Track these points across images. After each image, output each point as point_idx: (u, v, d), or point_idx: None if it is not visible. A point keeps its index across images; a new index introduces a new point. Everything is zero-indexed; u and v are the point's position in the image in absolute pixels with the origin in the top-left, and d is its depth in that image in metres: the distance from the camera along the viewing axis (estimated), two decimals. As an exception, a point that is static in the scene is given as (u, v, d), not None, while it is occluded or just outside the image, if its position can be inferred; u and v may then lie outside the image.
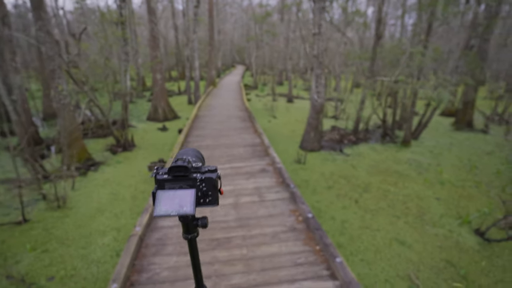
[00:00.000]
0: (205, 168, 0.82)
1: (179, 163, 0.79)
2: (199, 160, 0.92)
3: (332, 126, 12.14)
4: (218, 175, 0.82)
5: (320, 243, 3.24)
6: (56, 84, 7.26)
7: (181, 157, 0.86)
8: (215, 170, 0.82)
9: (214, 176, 0.81)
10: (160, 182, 0.79)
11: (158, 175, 0.80)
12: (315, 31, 8.29)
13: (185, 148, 0.97)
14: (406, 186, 6.46)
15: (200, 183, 0.80)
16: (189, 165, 0.80)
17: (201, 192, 0.80)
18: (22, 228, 4.97)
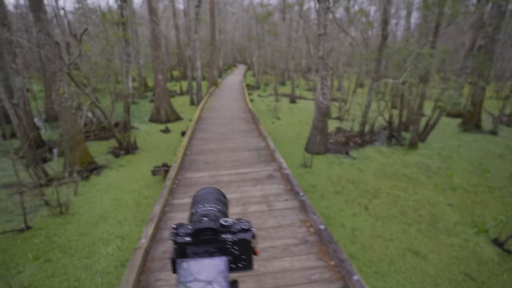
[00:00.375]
0: (237, 226, 0.66)
1: (206, 224, 0.63)
2: (224, 207, 0.76)
3: (336, 127, 11.97)
4: (253, 234, 0.67)
5: (334, 258, 3.09)
6: (57, 86, 7.12)
7: (205, 209, 0.70)
8: (249, 229, 0.66)
9: (248, 236, 0.65)
10: (181, 247, 0.63)
11: (178, 236, 0.64)
12: (321, 32, 8.12)
13: (202, 188, 0.78)
14: (416, 191, 6.30)
15: (232, 246, 0.64)
16: (217, 224, 0.64)
17: (233, 256, 0.65)
18: (24, 236, 4.85)
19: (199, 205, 0.73)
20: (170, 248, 3.35)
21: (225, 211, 0.75)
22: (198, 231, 0.62)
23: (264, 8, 30.49)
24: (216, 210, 0.71)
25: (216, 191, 0.80)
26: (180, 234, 0.64)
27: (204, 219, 0.65)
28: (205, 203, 0.73)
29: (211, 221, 0.64)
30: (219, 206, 0.73)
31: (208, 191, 0.79)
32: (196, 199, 0.76)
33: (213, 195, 0.77)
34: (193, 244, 0.63)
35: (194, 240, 0.63)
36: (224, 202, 0.79)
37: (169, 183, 4.74)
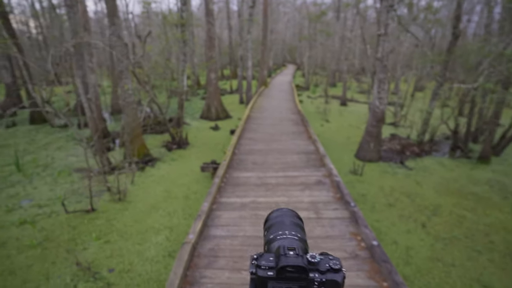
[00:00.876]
0: (325, 264, 0.57)
1: (294, 261, 0.55)
2: (302, 233, 0.68)
3: (391, 134, 11.13)
4: (344, 276, 0.57)
5: (388, 279, 2.82)
6: (123, 83, 7.81)
7: (288, 241, 0.62)
8: (340, 269, 0.57)
9: (339, 278, 0.56)
10: (262, 281, 0.56)
11: (259, 269, 0.57)
12: (381, 32, 7.58)
13: (276, 210, 0.68)
14: (487, 213, 5.50)
15: (319, 286, 0.56)
16: (304, 261, 0.56)
17: None
18: (90, 217, 5.40)
19: (278, 232, 0.66)
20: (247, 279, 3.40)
21: (304, 238, 0.67)
22: (284, 269, 0.55)
23: (318, 7, 29.76)
24: (297, 239, 0.63)
25: (292, 213, 0.72)
26: (262, 267, 0.58)
27: (290, 253, 0.57)
28: (285, 229, 0.66)
29: (299, 257, 0.56)
30: (299, 233, 0.65)
31: (283, 213, 0.72)
32: (270, 223, 0.69)
33: (289, 219, 0.70)
34: (276, 279, 0.56)
35: (278, 276, 0.56)
36: (302, 227, 0.71)
37: (217, 181, 4.85)
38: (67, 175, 7.22)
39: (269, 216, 0.73)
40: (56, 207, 5.62)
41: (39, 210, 5.55)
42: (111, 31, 7.61)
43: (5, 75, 14.15)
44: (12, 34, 11.81)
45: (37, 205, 5.75)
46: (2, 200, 6.01)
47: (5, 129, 11.61)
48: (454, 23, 8.53)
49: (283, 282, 0.56)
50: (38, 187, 6.57)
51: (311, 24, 27.79)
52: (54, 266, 4.11)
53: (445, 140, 10.73)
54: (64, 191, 6.32)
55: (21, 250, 4.46)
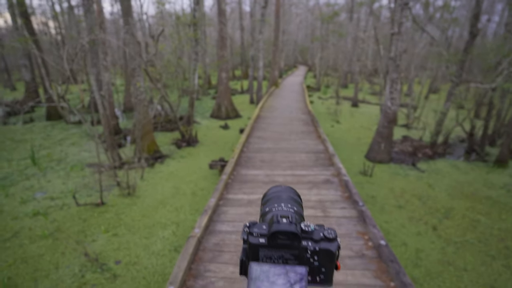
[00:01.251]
0: (319, 233, 0.55)
1: (286, 227, 0.53)
2: (300, 208, 0.66)
3: (403, 136, 10.89)
4: (338, 245, 0.55)
5: (396, 279, 2.75)
6: (135, 81, 7.96)
7: (281, 209, 0.61)
8: (335, 238, 0.55)
9: (333, 248, 0.54)
10: (254, 249, 0.55)
11: (251, 236, 0.56)
12: (395, 31, 7.44)
13: (274, 186, 0.66)
14: (503, 218, 5.30)
15: (312, 256, 0.54)
16: (298, 228, 0.54)
17: (311, 267, 0.54)
18: (99, 210, 5.50)
19: (274, 204, 0.64)
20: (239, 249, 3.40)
21: (301, 213, 0.65)
22: (276, 233, 0.53)
23: (330, 8, 29.51)
24: (293, 211, 0.62)
25: (290, 190, 0.70)
26: (254, 234, 0.56)
27: (283, 220, 0.55)
28: (281, 202, 0.64)
29: (292, 224, 0.54)
30: (295, 207, 0.63)
31: (281, 189, 0.70)
32: (268, 197, 0.68)
33: (287, 194, 0.68)
34: (267, 247, 0.54)
35: (270, 243, 0.54)
36: (299, 203, 0.69)
37: (225, 178, 4.86)
38: (80, 170, 7.40)
39: (267, 192, 0.71)
40: (68, 200, 5.76)
41: (51, 202, 5.70)
42: (125, 29, 7.77)
43: (25, 73, 14.68)
44: (32, 34, 12.23)
45: (50, 197, 5.91)
46: (18, 192, 6.21)
47: (22, 125, 12.01)
48: (472, 21, 8.27)
49: (275, 250, 0.54)
50: (52, 180, 6.76)
51: (323, 25, 27.60)
52: (64, 256, 4.20)
53: (460, 143, 10.41)
54: (75, 185, 6.48)
55: (33, 240, 4.59)
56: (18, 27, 12.38)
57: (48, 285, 3.70)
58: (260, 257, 0.54)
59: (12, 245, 4.49)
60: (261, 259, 0.54)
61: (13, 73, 26.72)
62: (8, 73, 22.94)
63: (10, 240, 4.60)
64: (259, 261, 0.54)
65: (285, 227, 0.53)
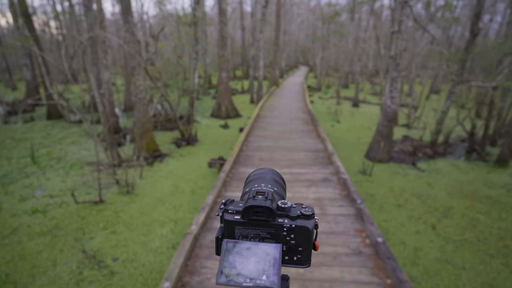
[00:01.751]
0: (296, 211, 0.54)
1: (261, 202, 0.52)
2: (282, 190, 0.65)
3: (403, 135, 10.86)
4: (315, 223, 0.54)
5: (392, 276, 2.73)
6: (135, 79, 7.96)
7: (260, 188, 0.60)
8: (312, 215, 0.54)
9: (310, 225, 0.53)
10: (229, 226, 0.54)
11: (226, 213, 0.55)
12: (395, 29, 7.42)
13: (259, 169, 0.64)
14: (503, 217, 5.27)
15: (288, 234, 0.53)
16: (273, 205, 0.53)
17: (287, 246, 0.53)
18: (98, 208, 5.50)
19: (254, 184, 0.64)
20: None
21: (282, 194, 0.64)
22: (250, 209, 0.52)
23: (332, 8, 29.47)
24: (273, 191, 0.61)
25: (273, 172, 0.69)
26: (230, 211, 0.55)
27: (259, 197, 0.54)
28: (261, 183, 0.64)
29: (268, 200, 0.53)
30: (277, 188, 0.63)
31: (265, 171, 0.69)
32: (250, 178, 0.67)
33: (270, 176, 0.67)
34: (243, 224, 0.53)
35: (245, 219, 0.53)
36: (282, 185, 0.68)
37: (223, 176, 4.86)
38: (79, 168, 7.41)
39: (250, 174, 0.70)
40: (67, 198, 5.76)
41: (50, 200, 5.71)
42: (125, 28, 7.78)
43: (26, 72, 14.73)
44: (33, 33, 12.27)
45: (49, 195, 5.92)
46: (17, 189, 6.23)
47: (23, 124, 12.05)
48: (473, 20, 8.24)
49: (251, 228, 0.53)
50: (51, 178, 6.77)
51: (324, 25, 27.56)
52: (62, 253, 4.21)
53: (461, 143, 10.37)
54: (74, 183, 6.49)
55: (31, 237, 4.59)
56: (19, 27, 12.43)
57: (46, 282, 3.70)
58: (236, 235, 0.54)
59: (10, 242, 4.49)
60: (237, 237, 0.54)
61: (15, 72, 26.83)
62: (10, 72, 23.03)
63: (8, 237, 4.61)
64: (234, 239, 0.54)
65: (260, 202, 0.52)
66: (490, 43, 10.95)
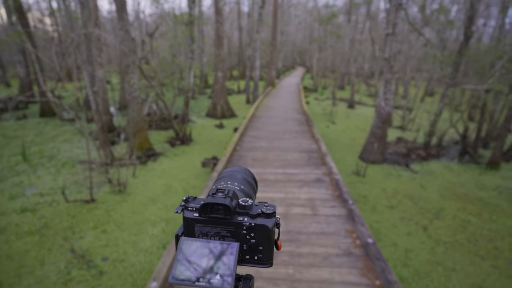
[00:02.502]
0: (257, 209, 0.53)
1: (218, 199, 0.51)
2: (250, 189, 0.64)
3: (397, 137, 10.92)
4: (276, 221, 0.53)
5: (381, 277, 2.73)
6: (129, 78, 7.90)
7: (222, 185, 0.59)
8: (273, 214, 0.52)
9: (270, 224, 0.51)
10: (189, 224, 0.52)
11: (186, 210, 0.53)
12: (389, 31, 7.45)
13: (231, 166, 0.63)
14: (493, 219, 5.31)
15: (248, 232, 0.51)
16: (232, 202, 0.52)
17: (248, 245, 0.52)
18: (89, 207, 5.44)
19: (221, 182, 0.62)
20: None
21: (250, 194, 0.63)
22: (207, 206, 0.51)
23: (329, 10, 29.60)
24: (239, 189, 0.59)
25: (245, 171, 0.68)
26: (189, 208, 0.53)
27: (219, 194, 0.53)
28: (229, 181, 0.62)
29: (227, 197, 0.52)
30: (244, 186, 0.61)
31: (236, 170, 0.68)
32: (221, 176, 0.66)
33: (241, 174, 0.66)
34: (202, 222, 0.52)
35: (203, 217, 0.52)
36: (252, 184, 0.67)
37: (215, 175, 4.83)
38: (71, 167, 7.32)
39: (222, 172, 0.69)
40: (57, 197, 5.69)
41: (40, 199, 5.63)
42: (120, 26, 7.71)
43: (20, 69, 14.53)
44: (27, 30, 12.11)
45: (39, 194, 5.84)
46: (7, 188, 6.13)
47: (15, 121, 11.89)
48: (467, 24, 8.32)
49: (211, 226, 0.52)
50: (42, 176, 6.68)
51: (321, 27, 27.68)
52: (50, 252, 4.14)
53: (454, 145, 10.46)
54: (66, 182, 6.41)
55: (19, 236, 4.52)
56: (13, 23, 12.26)
57: (33, 282, 3.64)
58: (196, 233, 0.52)
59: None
60: (197, 235, 0.52)
61: (8, 69, 26.49)
62: (3, 69, 22.74)
63: (-4, 236, 4.53)
64: (194, 237, 0.52)
65: (218, 200, 0.50)
66: (482, 46, 11.08)
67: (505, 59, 6.89)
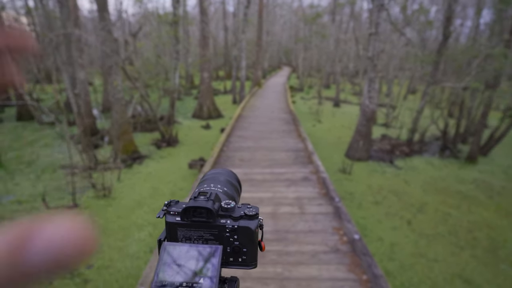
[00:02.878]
0: (240, 211, 0.52)
1: (200, 203, 0.50)
2: (234, 191, 0.63)
3: (382, 134, 11.18)
4: (259, 223, 0.52)
5: (368, 272, 2.79)
6: (112, 80, 7.72)
7: (204, 189, 0.58)
8: (256, 215, 0.52)
9: (252, 225, 0.51)
10: (171, 228, 0.52)
11: (168, 214, 0.52)
12: (372, 31, 7.61)
13: (216, 168, 0.62)
14: (472, 211, 5.53)
15: (231, 235, 0.51)
16: (214, 205, 0.51)
17: (231, 247, 0.51)
18: (71, 213, 5.27)
19: (204, 185, 0.62)
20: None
21: (234, 196, 0.62)
22: (188, 210, 0.50)
23: (314, 10, 29.94)
24: (222, 191, 0.59)
25: (228, 173, 0.67)
26: (171, 212, 0.52)
27: (201, 197, 0.52)
28: (211, 183, 0.61)
29: (209, 200, 0.51)
30: (227, 189, 0.61)
31: (219, 172, 0.67)
32: (204, 178, 0.65)
33: (224, 177, 0.65)
34: (184, 226, 0.51)
35: (186, 221, 0.51)
36: (235, 186, 0.66)
37: (202, 177, 4.79)
38: (52, 172, 7.08)
39: (205, 174, 0.68)
40: (37, 204, 5.49)
41: (18, 207, 5.42)
42: (101, 26, 7.52)
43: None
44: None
45: (17, 201, 5.61)
46: (-17, 195, 5.86)
47: (-9, 126, 11.39)
48: (445, 24, 8.62)
49: (194, 230, 0.51)
50: (20, 183, 6.42)
51: (306, 27, 27.97)
52: (31, 261, 3.99)
53: (435, 141, 10.81)
54: (46, 188, 6.19)
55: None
56: (-14, 23, 11.72)
57: (12, 293, 3.50)
58: (179, 237, 0.51)
59: (-26, 251, 4.21)
60: (180, 239, 0.52)
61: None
62: (-23, 71, 21.68)
63: (-28, 246, 4.32)
64: (177, 241, 0.52)
65: (200, 203, 0.50)
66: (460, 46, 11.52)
67: (481, 58, 7.18)
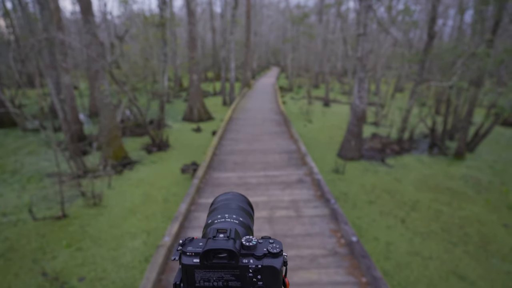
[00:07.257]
0: (262, 248, 0.48)
1: (222, 244, 0.46)
2: (248, 218, 0.59)
3: (372, 133, 11.32)
4: (284, 261, 0.49)
5: (367, 274, 2.79)
6: (99, 84, 7.52)
7: (220, 221, 0.54)
8: (280, 253, 0.48)
9: (277, 264, 0.47)
10: (188, 271, 0.47)
11: (185, 256, 0.48)
12: (360, 32, 7.69)
13: (224, 194, 0.57)
14: (462, 207, 5.65)
15: (254, 275, 0.47)
16: (236, 245, 0.47)
17: (254, 287, 0.47)
18: (61, 223, 5.10)
19: (217, 215, 0.57)
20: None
21: (249, 224, 0.58)
22: (208, 253, 0.46)
23: (301, 10, 30.13)
24: (238, 223, 0.55)
25: (240, 198, 0.63)
26: (188, 253, 0.48)
27: (220, 236, 0.48)
28: (225, 213, 0.57)
29: (229, 240, 0.47)
30: (242, 217, 0.57)
31: (230, 197, 0.63)
32: (214, 206, 0.61)
33: (236, 203, 0.61)
34: (203, 268, 0.46)
35: (205, 263, 0.46)
36: (249, 212, 0.62)
37: (196, 182, 4.71)
38: (38, 181, 6.83)
39: (215, 200, 0.64)
40: (23, 215, 5.27)
41: (3, 219, 5.19)
42: (86, 29, 7.31)
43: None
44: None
45: (1, 213, 5.38)
46: (-35, 208, 5.59)
47: (-29, 134, 10.92)
48: (430, 24, 8.80)
49: (212, 271, 0.46)
50: (4, 194, 6.17)
51: (294, 27, 28.11)
52: (17, 278, 3.82)
53: (424, 138, 11.03)
54: (33, 198, 5.96)
55: (-18, 262, 4.13)
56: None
57: (0, 311, 3.34)
58: (196, 280, 0.47)
59: (-44, 268, 4.01)
60: (197, 282, 0.47)
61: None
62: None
63: (-46, 263, 4.11)
64: (195, 284, 0.47)
65: (221, 244, 0.46)
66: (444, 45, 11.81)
67: (465, 57, 7.37)
